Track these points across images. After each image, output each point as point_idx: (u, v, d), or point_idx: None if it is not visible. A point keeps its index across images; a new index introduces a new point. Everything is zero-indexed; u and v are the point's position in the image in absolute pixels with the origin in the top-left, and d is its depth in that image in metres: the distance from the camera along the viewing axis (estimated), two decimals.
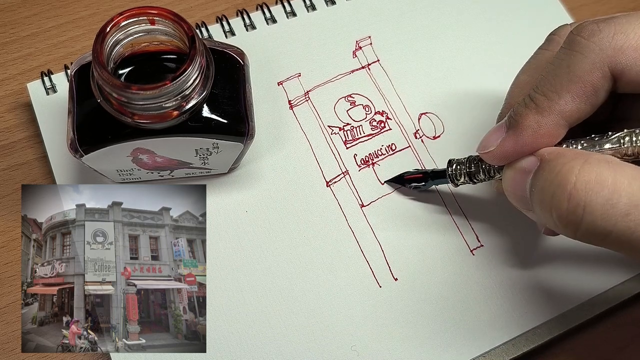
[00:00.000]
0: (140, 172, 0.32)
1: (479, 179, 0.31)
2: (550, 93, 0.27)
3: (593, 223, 0.24)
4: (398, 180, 0.35)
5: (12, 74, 0.37)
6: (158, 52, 0.29)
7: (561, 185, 0.25)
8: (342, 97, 0.37)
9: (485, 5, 0.40)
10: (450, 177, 0.32)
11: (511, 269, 0.34)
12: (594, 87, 0.26)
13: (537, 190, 0.26)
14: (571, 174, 0.24)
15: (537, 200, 0.26)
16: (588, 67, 0.26)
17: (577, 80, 0.26)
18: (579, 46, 0.26)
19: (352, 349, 0.31)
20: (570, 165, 0.25)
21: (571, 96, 0.26)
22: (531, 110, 0.27)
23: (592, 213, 0.24)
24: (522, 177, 0.27)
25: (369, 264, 0.33)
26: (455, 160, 0.32)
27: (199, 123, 0.28)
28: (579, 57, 0.26)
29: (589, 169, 0.24)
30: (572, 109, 0.27)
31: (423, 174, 0.34)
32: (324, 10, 0.39)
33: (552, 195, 0.25)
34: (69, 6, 0.40)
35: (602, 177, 0.24)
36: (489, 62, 0.39)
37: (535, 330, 0.33)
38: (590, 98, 0.26)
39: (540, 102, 0.27)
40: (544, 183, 0.26)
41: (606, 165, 0.24)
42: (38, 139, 0.35)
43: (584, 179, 0.24)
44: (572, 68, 0.26)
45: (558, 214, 0.25)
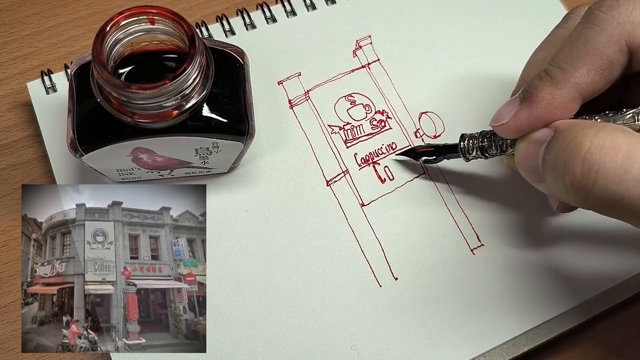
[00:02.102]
0: (140, 171, 0.32)
1: (491, 153, 0.31)
2: (566, 65, 0.27)
3: (605, 187, 0.24)
4: (409, 154, 0.35)
5: (12, 73, 0.37)
6: (158, 51, 0.29)
7: (575, 149, 0.25)
8: (343, 96, 0.37)
9: (485, 5, 0.40)
10: (462, 151, 0.32)
11: (511, 268, 0.34)
12: (610, 61, 0.26)
13: (551, 157, 0.26)
14: (586, 139, 0.24)
15: (550, 167, 0.26)
16: (605, 40, 0.26)
17: (594, 52, 0.26)
18: (597, 19, 0.27)
19: (352, 349, 0.31)
20: (585, 132, 0.25)
21: (587, 69, 0.26)
22: (546, 82, 0.27)
23: (605, 177, 0.24)
24: (535, 148, 0.27)
25: (369, 264, 0.33)
26: (467, 135, 0.32)
27: (199, 122, 0.28)
28: (597, 30, 0.26)
29: (604, 135, 0.24)
30: (587, 82, 0.27)
31: (435, 148, 0.34)
32: (324, 9, 0.39)
33: (565, 160, 0.25)
34: (69, 5, 0.39)
35: (617, 142, 0.24)
36: (489, 61, 0.39)
37: (535, 329, 0.33)
38: (605, 71, 0.27)
39: (555, 75, 0.27)
40: (557, 150, 0.26)
41: (621, 132, 0.24)
42: (38, 139, 0.35)
43: (598, 144, 0.24)
44: (589, 41, 0.26)
45: (571, 178, 0.25)
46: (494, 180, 0.36)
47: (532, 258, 0.34)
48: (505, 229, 0.34)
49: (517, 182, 0.35)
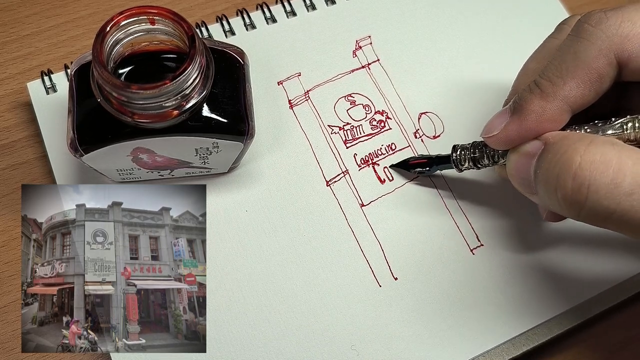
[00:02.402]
0: (140, 171, 0.32)
1: (483, 164, 0.31)
2: (556, 78, 0.27)
3: (597, 202, 0.24)
4: (403, 165, 0.35)
5: (12, 73, 0.37)
6: (158, 51, 0.29)
7: (566, 165, 0.25)
8: (342, 96, 0.37)
9: (485, 5, 0.40)
10: (455, 162, 0.32)
11: (511, 268, 0.34)
12: (599, 74, 0.26)
13: (542, 171, 0.26)
14: (576, 154, 0.25)
15: (542, 181, 0.26)
16: (594, 53, 0.26)
17: (583, 66, 0.26)
18: (586, 33, 0.27)
19: (352, 349, 0.31)
20: (575, 146, 0.25)
21: (576, 82, 0.27)
22: (536, 95, 0.27)
23: (596, 192, 0.24)
24: (526, 161, 0.27)
25: (368, 264, 0.33)
26: (459, 146, 0.32)
27: (199, 122, 0.28)
28: (586, 44, 0.27)
29: (594, 149, 0.24)
30: (576, 95, 0.27)
31: (427, 159, 0.34)
32: (324, 9, 0.39)
33: (557, 175, 0.25)
34: (69, 5, 0.39)
35: (607, 157, 0.24)
36: (489, 61, 0.39)
37: (535, 330, 0.33)
38: (594, 85, 0.27)
39: (545, 88, 0.27)
40: (548, 164, 0.26)
41: (611, 146, 0.24)
42: (38, 139, 0.35)
43: (589, 159, 0.24)
44: (579, 54, 0.27)
45: (563, 193, 0.25)
46: (493, 180, 0.36)
47: (531, 258, 0.34)
48: (504, 229, 0.34)
49: None
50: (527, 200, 0.35)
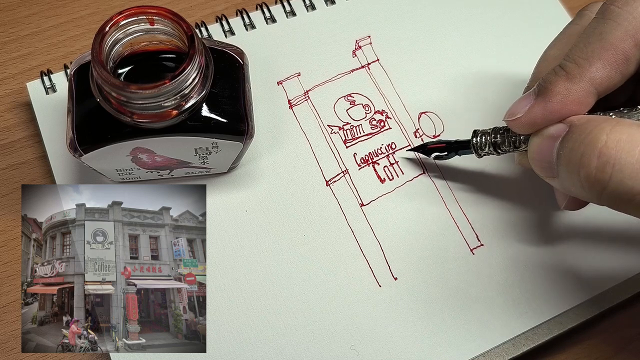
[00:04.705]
0: (140, 171, 0.32)
1: (504, 149, 0.31)
2: (581, 60, 0.27)
3: (621, 182, 0.24)
4: (421, 149, 0.35)
5: (11, 73, 0.37)
6: (157, 51, 0.29)
7: (591, 143, 0.24)
8: (342, 96, 0.37)
9: (485, 5, 0.40)
10: (475, 147, 0.32)
11: (511, 268, 0.34)
12: (626, 56, 0.26)
13: (566, 151, 0.26)
14: (602, 133, 0.24)
15: (565, 162, 0.26)
16: (621, 34, 0.26)
17: (609, 47, 0.26)
18: (612, 14, 0.27)
19: (351, 349, 0.31)
20: (602, 126, 0.25)
21: (602, 63, 0.26)
22: (561, 77, 0.27)
23: (621, 171, 0.24)
24: (549, 143, 0.27)
25: (368, 263, 0.33)
26: (480, 131, 0.32)
27: (198, 122, 0.28)
28: (612, 25, 0.26)
29: (620, 129, 0.24)
30: (602, 77, 0.26)
31: (447, 144, 0.34)
32: (324, 9, 0.39)
33: (581, 154, 0.25)
34: (69, 5, 0.40)
35: (633, 137, 0.24)
36: (489, 61, 0.39)
37: (535, 329, 0.33)
38: (621, 66, 0.26)
39: (570, 69, 0.27)
40: (573, 144, 0.25)
41: (637, 127, 0.24)
42: (37, 139, 0.35)
43: (615, 138, 0.24)
44: (605, 35, 0.26)
45: (586, 172, 0.25)
46: (494, 180, 0.36)
47: (531, 258, 0.34)
48: (504, 229, 0.34)
49: (517, 183, 0.35)
50: (527, 200, 0.35)
